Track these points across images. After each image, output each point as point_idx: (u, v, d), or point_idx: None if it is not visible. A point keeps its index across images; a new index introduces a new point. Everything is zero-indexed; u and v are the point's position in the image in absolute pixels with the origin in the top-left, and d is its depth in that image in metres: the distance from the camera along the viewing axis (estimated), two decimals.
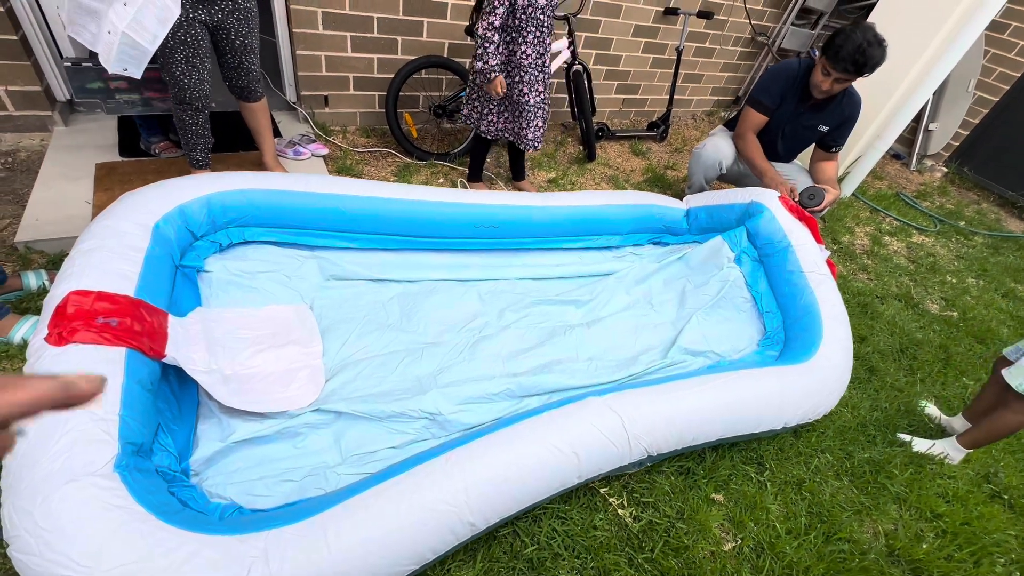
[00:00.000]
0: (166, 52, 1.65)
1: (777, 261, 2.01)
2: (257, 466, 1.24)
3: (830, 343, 1.72)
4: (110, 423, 0.99)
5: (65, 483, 0.89)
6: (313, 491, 1.22)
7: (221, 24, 1.71)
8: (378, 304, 1.73)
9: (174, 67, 1.67)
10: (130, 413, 1.04)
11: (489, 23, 1.98)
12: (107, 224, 1.35)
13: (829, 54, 1.91)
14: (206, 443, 1.25)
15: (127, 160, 2.14)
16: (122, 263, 1.26)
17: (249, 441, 1.29)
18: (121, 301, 1.17)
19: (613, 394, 1.41)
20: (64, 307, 1.09)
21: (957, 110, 4.17)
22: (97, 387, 0.32)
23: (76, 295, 1.12)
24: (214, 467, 1.22)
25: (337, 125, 2.81)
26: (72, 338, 1.05)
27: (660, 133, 3.66)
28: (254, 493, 1.19)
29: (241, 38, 1.76)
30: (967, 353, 2.37)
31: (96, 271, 1.20)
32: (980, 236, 3.54)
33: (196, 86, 1.73)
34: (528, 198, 2.10)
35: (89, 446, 0.94)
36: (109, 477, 0.93)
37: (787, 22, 3.87)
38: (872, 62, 1.87)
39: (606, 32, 3.29)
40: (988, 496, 1.74)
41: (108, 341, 1.08)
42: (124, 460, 0.97)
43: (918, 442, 1.82)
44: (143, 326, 1.17)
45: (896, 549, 1.49)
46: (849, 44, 1.85)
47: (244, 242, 1.71)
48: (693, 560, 1.34)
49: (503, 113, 2.30)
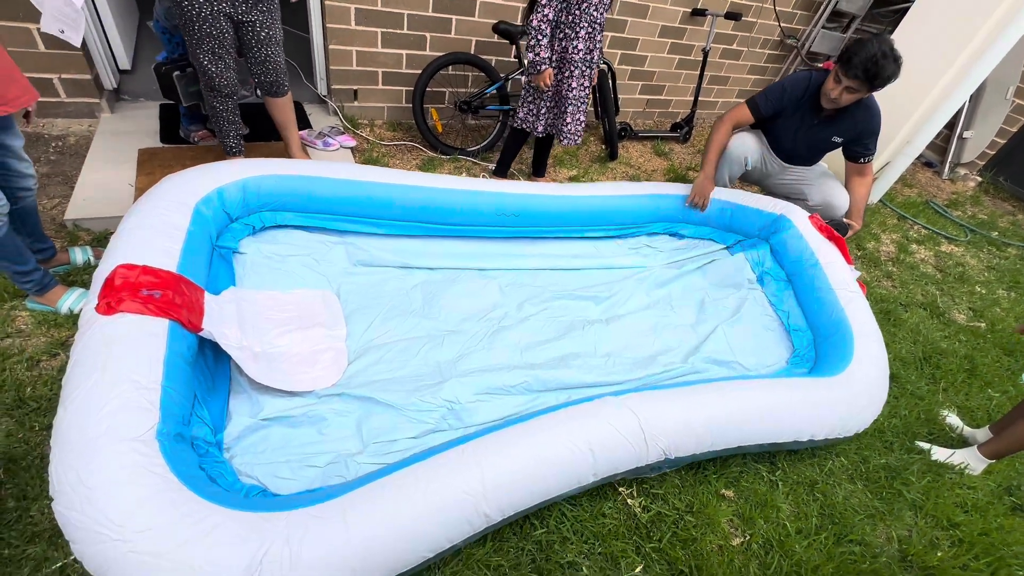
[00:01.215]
0: (194, 44, 1.74)
1: (806, 279, 2.01)
2: (283, 448, 1.28)
3: (862, 359, 1.68)
4: (152, 392, 1.03)
5: (109, 445, 0.93)
6: (335, 479, 1.24)
7: (246, 17, 1.79)
8: (402, 291, 1.79)
9: (201, 57, 1.76)
10: (171, 383, 1.09)
11: (543, 16, 2.03)
12: (151, 204, 1.43)
13: (843, 61, 1.90)
14: (238, 418, 1.31)
15: (168, 146, 2.25)
16: (165, 240, 1.34)
17: (277, 420, 1.33)
18: (164, 276, 1.24)
19: (632, 394, 1.41)
20: (112, 279, 1.17)
21: (994, 117, 4.05)
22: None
23: (123, 268, 1.20)
24: (243, 445, 1.26)
25: (365, 119, 2.88)
26: (119, 307, 1.12)
27: (684, 134, 3.65)
28: (280, 475, 1.23)
29: (266, 30, 1.84)
30: (993, 364, 2.31)
31: (142, 247, 1.28)
32: (1014, 247, 3.44)
33: (223, 73, 1.82)
34: (548, 187, 2.14)
35: (133, 413, 0.98)
36: (149, 444, 0.97)
37: (818, 24, 3.82)
38: (884, 74, 1.84)
39: (632, 32, 3.30)
40: (1009, 508, 1.70)
41: (151, 312, 1.15)
42: (164, 429, 1.01)
43: (937, 451, 1.80)
44: (183, 300, 1.24)
45: (909, 555, 1.48)
46: (864, 52, 1.83)
47: (276, 226, 1.79)
48: (700, 552, 1.35)
49: (552, 108, 2.33)
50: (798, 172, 2.39)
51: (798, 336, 1.96)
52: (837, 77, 1.94)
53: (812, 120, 2.17)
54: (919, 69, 3.00)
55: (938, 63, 3.00)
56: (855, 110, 2.09)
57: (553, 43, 2.14)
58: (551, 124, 2.37)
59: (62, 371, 1.40)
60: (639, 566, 1.31)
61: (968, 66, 2.92)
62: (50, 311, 1.52)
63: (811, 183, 2.36)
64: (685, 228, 2.38)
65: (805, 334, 1.96)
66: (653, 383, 1.68)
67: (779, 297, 2.09)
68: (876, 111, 2.11)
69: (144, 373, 1.04)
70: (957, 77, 2.99)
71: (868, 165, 2.24)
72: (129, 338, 1.08)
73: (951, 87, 3.01)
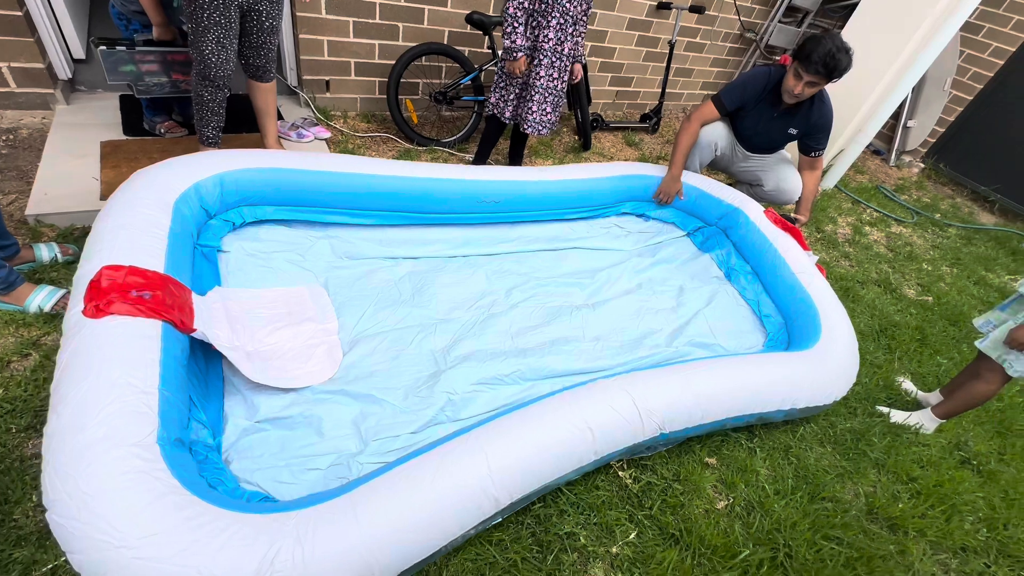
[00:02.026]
0: (199, 31, 1.68)
1: (769, 269, 2.15)
2: (282, 451, 1.26)
3: (830, 331, 1.81)
4: (150, 396, 1.00)
5: (108, 451, 0.90)
6: (337, 481, 1.22)
7: (255, 6, 1.75)
8: (390, 282, 1.79)
9: (204, 46, 1.71)
10: (168, 387, 1.06)
11: (519, 3, 2.07)
12: (128, 201, 1.37)
13: (801, 57, 2.01)
14: (234, 421, 1.28)
15: (132, 139, 2.16)
16: (148, 240, 1.29)
17: (274, 422, 1.30)
18: (152, 276, 1.20)
19: (624, 375, 1.45)
20: (98, 281, 1.12)
21: (934, 108, 4.35)
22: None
23: (109, 269, 1.15)
24: (241, 449, 1.24)
25: (338, 110, 2.84)
26: (109, 309, 1.07)
27: (652, 125, 3.75)
28: (281, 480, 1.20)
29: (271, 20, 1.81)
30: (941, 335, 2.51)
31: (125, 247, 1.23)
32: (954, 228, 3.72)
33: (223, 64, 1.77)
34: (527, 172, 2.18)
35: (132, 417, 0.96)
36: (150, 449, 0.94)
37: (774, 19, 3.99)
38: (840, 67, 1.97)
39: (601, 25, 3.36)
40: (959, 462, 1.86)
41: (143, 313, 1.11)
42: (164, 434, 0.99)
43: (895, 414, 1.94)
44: (173, 300, 1.20)
45: (875, 508, 1.60)
46: (821, 49, 1.95)
47: (256, 221, 1.75)
48: (689, 516, 1.43)
49: (519, 96, 2.35)
50: (758, 160, 2.53)
51: (769, 321, 2.09)
52: (797, 74, 2.05)
53: (772, 113, 2.29)
54: (867, 63, 3.19)
55: (884, 57, 3.20)
56: (811, 106, 2.22)
57: (527, 31, 2.17)
58: (516, 110, 2.39)
59: (35, 371, 1.35)
60: (633, 532, 1.38)
61: (911, 59, 3.13)
62: (18, 310, 1.45)
63: (767, 169, 2.51)
64: (651, 210, 2.52)
65: (776, 319, 2.08)
66: (642, 366, 1.73)
67: (747, 288, 2.22)
68: (829, 108, 2.25)
69: (140, 376, 1.01)
70: (901, 70, 3.20)
71: (819, 159, 2.39)
72: (122, 341, 1.05)
73: (896, 79, 3.22)
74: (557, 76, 2.30)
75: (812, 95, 2.15)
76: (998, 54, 4.12)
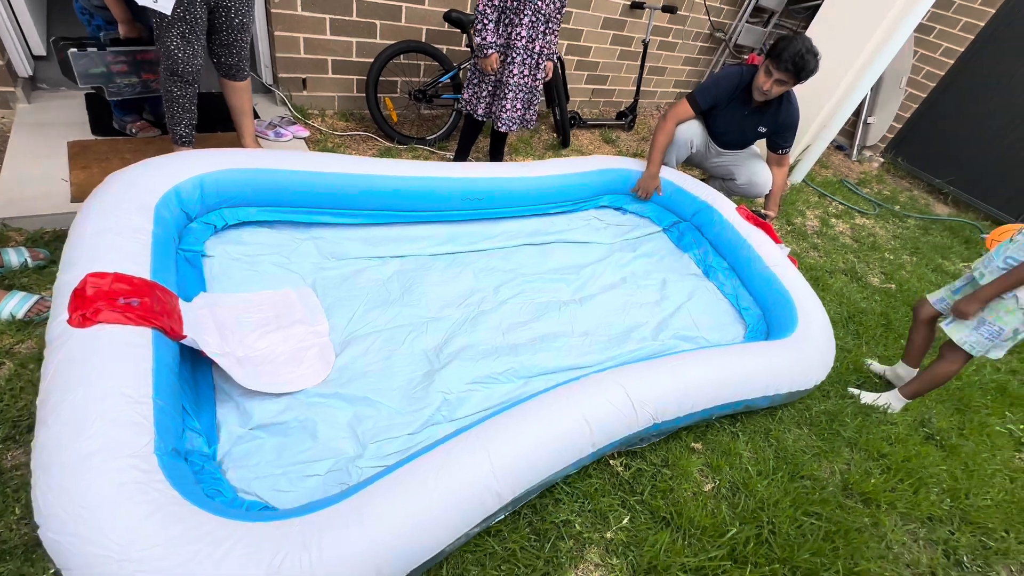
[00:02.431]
0: (163, 26, 1.64)
1: (744, 263, 2.24)
2: (278, 458, 1.24)
3: (806, 319, 1.90)
4: (144, 405, 0.98)
5: (104, 463, 0.88)
6: (337, 487, 1.21)
7: (223, 2, 1.71)
8: (378, 282, 1.78)
9: (169, 41, 1.67)
10: (161, 396, 1.04)
11: (487, 0, 2.08)
12: (106, 205, 1.33)
13: (772, 55, 2.10)
14: (227, 429, 1.25)
15: (101, 139, 2.08)
16: (132, 245, 1.26)
17: (268, 429, 1.28)
18: (138, 283, 1.17)
19: (615, 369, 1.49)
20: (83, 289, 1.09)
21: (891, 105, 4.56)
22: None
23: (93, 277, 1.12)
24: (237, 458, 1.21)
25: (315, 108, 2.80)
26: (97, 318, 1.04)
27: (628, 122, 3.82)
28: (279, 488, 1.18)
29: (240, 17, 1.77)
30: (904, 319, 2.65)
31: (108, 253, 1.19)
32: (912, 219, 3.92)
33: (190, 60, 1.73)
34: (506, 168, 2.21)
35: (127, 428, 0.94)
36: (147, 460, 0.93)
37: (742, 19, 4.12)
38: (809, 68, 2.08)
39: (576, 23, 3.41)
40: (923, 438, 1.98)
41: (132, 321, 1.08)
42: (161, 444, 0.97)
43: (865, 395, 2.05)
44: (162, 307, 1.17)
45: (850, 484, 1.69)
46: (791, 48, 2.05)
47: (239, 223, 1.72)
48: (678, 500, 1.48)
49: (492, 93, 2.36)
50: (730, 155, 2.63)
51: (748, 314, 2.17)
52: (768, 71, 2.14)
53: (743, 112, 2.38)
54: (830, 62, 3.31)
55: (845, 57, 3.35)
56: (779, 105, 2.32)
57: (499, 28, 2.18)
58: (490, 108, 2.40)
59: (11, 381, 1.30)
60: (626, 517, 1.42)
61: (870, 59, 3.29)
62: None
63: (739, 164, 2.61)
64: (628, 203, 2.60)
65: (754, 311, 2.17)
66: (631, 360, 1.76)
67: (726, 283, 2.30)
68: (796, 108, 2.36)
69: (133, 386, 0.99)
70: (861, 69, 3.35)
71: (786, 156, 2.50)
72: (112, 350, 1.02)
73: (857, 78, 3.38)
74: (529, 73, 2.32)
75: (781, 95, 2.24)
76: (948, 54, 4.36)
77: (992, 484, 1.83)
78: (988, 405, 2.20)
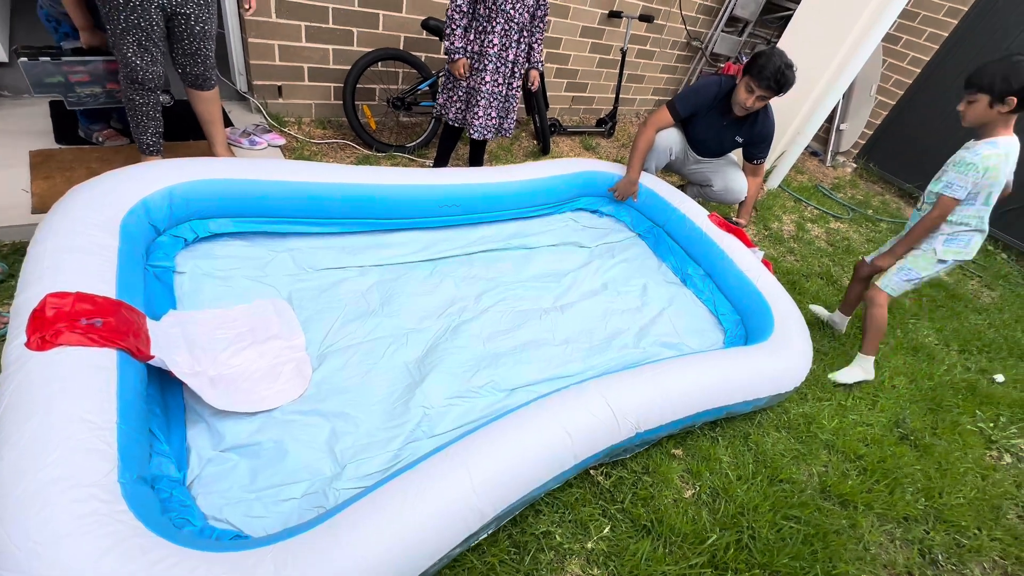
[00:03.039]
0: (117, 33, 1.59)
1: (720, 270, 2.27)
2: (252, 482, 1.19)
3: (782, 322, 1.93)
4: (107, 432, 0.94)
5: (63, 492, 0.84)
6: (314, 511, 1.17)
7: (180, 9, 1.67)
8: (357, 293, 1.74)
9: (125, 48, 1.62)
10: (126, 421, 1.00)
11: (456, 5, 2.08)
12: (68, 220, 1.28)
13: (753, 73, 2.15)
14: (198, 452, 1.21)
15: (65, 148, 2.02)
16: (96, 262, 1.21)
17: (241, 451, 1.23)
18: (101, 302, 1.12)
19: (595, 379, 1.47)
20: (42, 310, 1.04)
21: (863, 112, 4.69)
22: None
23: (53, 297, 1.07)
24: (208, 483, 1.17)
25: (292, 116, 2.76)
26: (57, 341, 1.00)
27: (608, 129, 3.86)
28: (252, 514, 1.14)
29: (200, 24, 1.73)
30: None
31: (71, 272, 1.15)
32: (884, 222, 4.02)
33: (148, 67, 1.68)
34: (484, 173, 2.21)
35: (88, 455, 0.90)
36: (109, 489, 0.88)
37: (718, 28, 4.20)
38: (788, 83, 2.15)
39: (555, 32, 3.43)
40: (898, 438, 2.01)
41: (95, 342, 1.04)
42: (125, 471, 0.93)
43: (840, 375, 2.15)
44: (127, 327, 1.13)
45: (827, 486, 1.71)
46: (771, 66, 2.10)
47: (211, 236, 1.68)
48: (659, 507, 1.48)
49: (464, 99, 2.36)
50: (707, 163, 2.67)
51: (726, 319, 2.19)
52: (750, 88, 2.19)
53: (722, 122, 2.43)
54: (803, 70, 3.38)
55: (817, 65, 3.43)
56: (756, 118, 2.38)
57: (469, 34, 2.18)
58: (462, 114, 2.39)
59: None
60: (607, 527, 1.41)
61: (841, 67, 3.37)
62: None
63: (716, 171, 2.65)
64: (604, 206, 2.64)
65: (732, 316, 2.19)
66: (613, 368, 1.77)
67: (703, 290, 2.32)
68: (772, 121, 2.43)
69: (96, 411, 0.95)
70: (832, 77, 3.44)
71: (760, 166, 2.56)
72: (74, 374, 0.98)
73: (828, 85, 3.46)
74: (503, 82, 2.31)
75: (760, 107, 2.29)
76: (915, 63, 4.50)
77: (965, 482, 1.87)
78: (959, 404, 2.25)
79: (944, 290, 3.23)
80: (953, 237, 1.99)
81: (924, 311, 2.94)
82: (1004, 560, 1.66)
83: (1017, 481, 1.96)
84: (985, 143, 1.82)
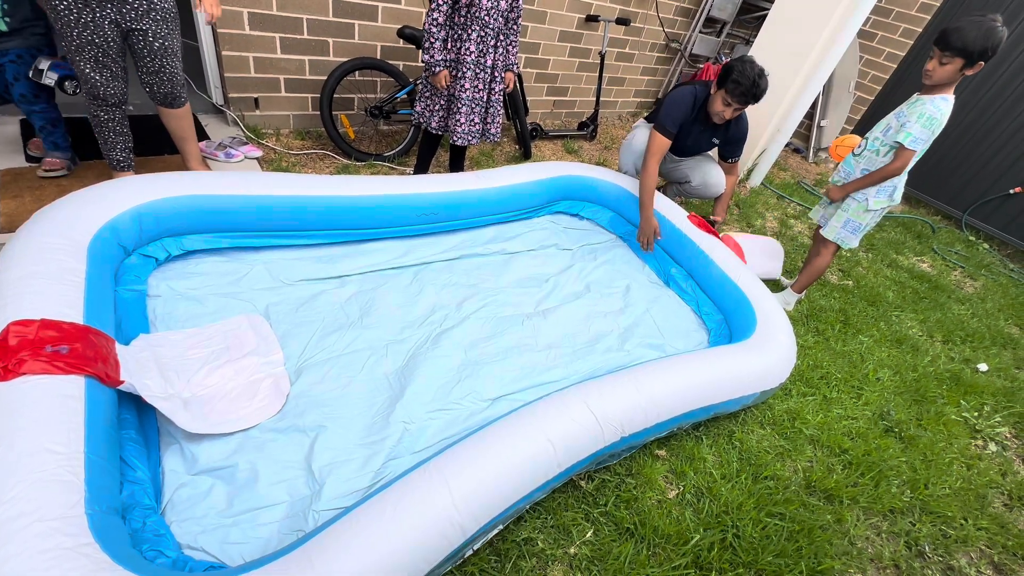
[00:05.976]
0: (72, 50, 1.57)
1: (701, 269, 2.28)
2: (228, 507, 1.16)
3: (765, 318, 1.93)
4: (75, 461, 0.92)
5: (24, 529, 0.81)
6: (294, 535, 1.14)
7: (135, 25, 1.64)
8: (336, 305, 1.72)
9: (83, 64, 1.60)
10: (95, 450, 0.97)
11: (433, 19, 2.08)
12: (33, 244, 1.25)
13: (729, 88, 2.17)
14: (171, 477, 1.18)
15: (36, 166, 1.99)
16: (62, 288, 1.18)
17: (216, 473, 1.20)
18: (68, 328, 1.10)
19: (576, 385, 1.45)
20: (5, 339, 1.02)
21: (842, 108, 4.74)
22: None
23: (16, 325, 1.05)
24: (181, 509, 1.14)
25: (269, 128, 2.75)
26: (21, 370, 0.98)
27: (590, 132, 3.87)
28: (229, 541, 1.11)
29: (160, 40, 1.70)
30: (861, 315, 2.71)
31: (34, 298, 1.12)
32: None
33: (109, 82, 1.66)
34: (462, 180, 2.20)
35: (53, 487, 0.87)
36: (75, 522, 0.86)
37: (695, 30, 4.24)
38: (762, 91, 2.18)
39: (533, 37, 3.45)
40: (883, 431, 2.02)
41: (61, 370, 1.01)
42: (92, 502, 0.90)
43: (778, 297, 2.43)
44: (95, 352, 1.11)
45: (813, 481, 1.70)
46: (744, 80, 2.13)
47: (184, 253, 1.66)
48: (642, 509, 1.47)
49: (445, 107, 2.37)
50: (684, 160, 2.72)
51: (709, 318, 2.19)
52: (726, 101, 2.22)
53: (700, 128, 2.48)
54: (780, 68, 3.45)
55: (793, 63, 3.46)
56: (731, 120, 2.43)
57: (448, 44, 2.19)
58: (444, 122, 2.39)
59: None
60: (589, 531, 1.40)
61: (817, 63, 3.41)
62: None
63: (692, 167, 2.70)
64: (584, 208, 2.64)
65: (715, 315, 2.19)
66: (597, 372, 1.75)
67: (685, 290, 2.33)
68: (745, 123, 2.49)
69: (62, 441, 0.93)
70: (809, 73, 3.47)
71: (735, 164, 2.61)
72: (38, 403, 0.95)
73: (805, 82, 3.49)
74: (483, 87, 2.32)
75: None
76: (891, 59, 4.56)
77: (950, 473, 1.87)
78: (944, 394, 2.26)
79: (927, 281, 3.25)
80: (882, 188, 2.16)
81: (907, 303, 2.96)
82: (990, 549, 1.65)
83: (1002, 469, 1.96)
84: (940, 98, 1.91)
